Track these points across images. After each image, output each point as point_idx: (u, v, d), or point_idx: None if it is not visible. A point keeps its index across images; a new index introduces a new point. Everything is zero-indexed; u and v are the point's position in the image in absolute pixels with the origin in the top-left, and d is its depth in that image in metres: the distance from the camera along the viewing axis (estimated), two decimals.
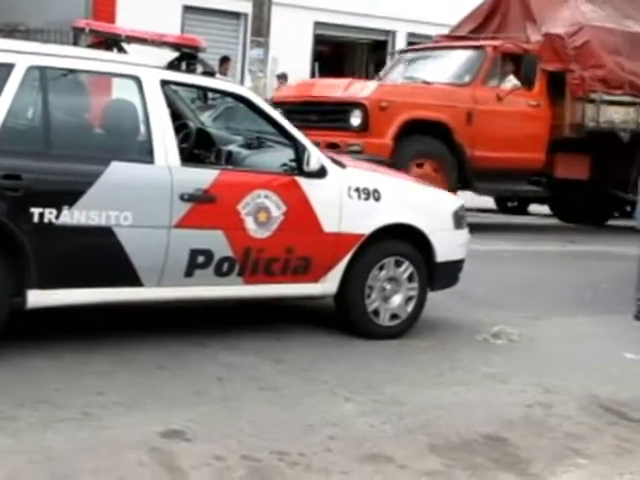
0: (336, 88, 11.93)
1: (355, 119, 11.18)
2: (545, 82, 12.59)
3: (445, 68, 12.63)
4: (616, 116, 12.92)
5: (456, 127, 11.62)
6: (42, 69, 5.05)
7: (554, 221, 14.88)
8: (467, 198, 9.94)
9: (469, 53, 12.66)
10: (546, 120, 12.59)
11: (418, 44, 15.46)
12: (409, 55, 14.05)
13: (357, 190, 5.90)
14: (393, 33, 21.44)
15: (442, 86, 12.07)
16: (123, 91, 5.55)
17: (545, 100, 12.60)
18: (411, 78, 12.59)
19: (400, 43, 20.88)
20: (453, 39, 13.83)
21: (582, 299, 8.03)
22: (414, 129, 11.34)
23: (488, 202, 15.12)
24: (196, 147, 6.03)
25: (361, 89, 11.61)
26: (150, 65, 5.43)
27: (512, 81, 12.42)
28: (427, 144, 11.47)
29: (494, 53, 12.27)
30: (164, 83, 5.44)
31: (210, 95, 8.99)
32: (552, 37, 12.71)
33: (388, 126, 11.13)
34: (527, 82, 12.43)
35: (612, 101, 12.86)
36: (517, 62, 12.43)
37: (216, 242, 5.40)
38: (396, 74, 13.32)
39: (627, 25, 13.50)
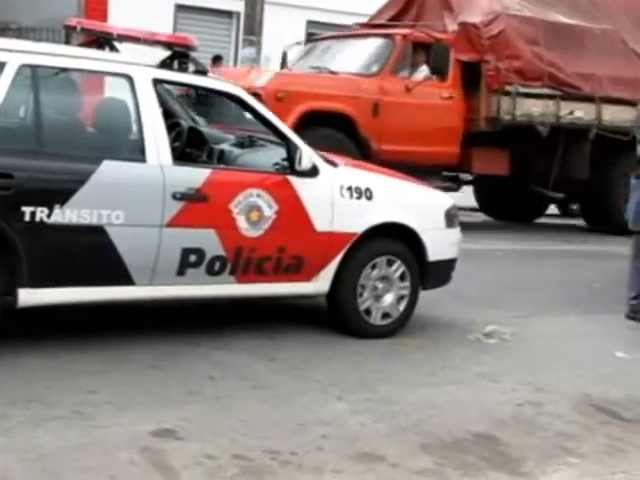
0: (235, 78, 11.11)
1: None
2: (459, 73, 11.91)
3: (354, 57, 11.92)
4: (534, 109, 12.18)
5: (361, 119, 10.99)
6: (34, 67, 5.03)
7: (548, 220, 14.88)
8: (459, 197, 9.96)
9: (378, 42, 11.92)
10: (460, 113, 11.88)
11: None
12: (322, 44, 13.01)
13: (349, 189, 5.91)
14: None
15: (348, 76, 11.37)
16: (115, 90, 5.55)
17: (459, 92, 11.90)
18: (317, 68, 11.80)
19: None
20: (370, 27, 13.08)
21: (574, 298, 8.04)
22: (316, 121, 10.60)
23: None
24: (188, 146, 6.02)
25: (257, 78, 10.96)
26: (142, 64, 5.42)
27: (424, 72, 11.73)
28: (329, 137, 10.45)
29: (403, 42, 11.61)
30: (156, 82, 5.43)
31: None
32: (467, 26, 11.98)
33: (285, 117, 10.15)
34: (439, 73, 11.77)
35: (529, 94, 12.16)
36: (429, 52, 11.73)
37: (208, 241, 5.39)
38: (304, 63, 12.44)
39: (548, 14, 12.72)
